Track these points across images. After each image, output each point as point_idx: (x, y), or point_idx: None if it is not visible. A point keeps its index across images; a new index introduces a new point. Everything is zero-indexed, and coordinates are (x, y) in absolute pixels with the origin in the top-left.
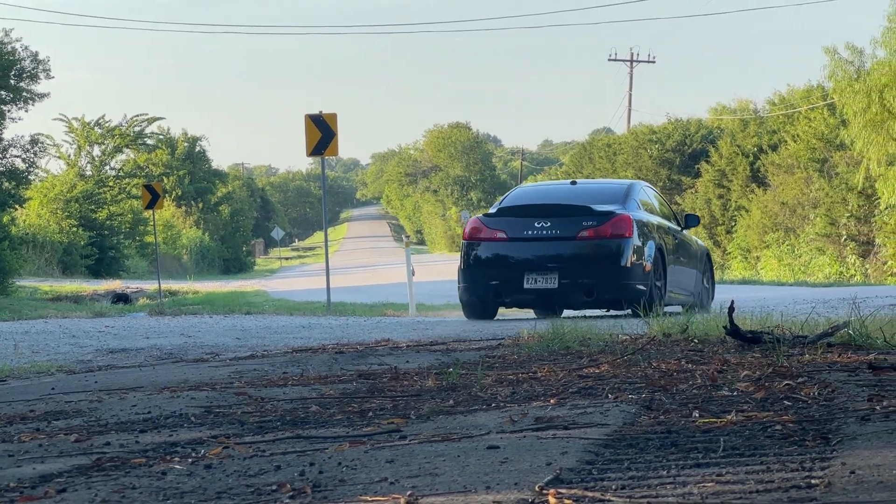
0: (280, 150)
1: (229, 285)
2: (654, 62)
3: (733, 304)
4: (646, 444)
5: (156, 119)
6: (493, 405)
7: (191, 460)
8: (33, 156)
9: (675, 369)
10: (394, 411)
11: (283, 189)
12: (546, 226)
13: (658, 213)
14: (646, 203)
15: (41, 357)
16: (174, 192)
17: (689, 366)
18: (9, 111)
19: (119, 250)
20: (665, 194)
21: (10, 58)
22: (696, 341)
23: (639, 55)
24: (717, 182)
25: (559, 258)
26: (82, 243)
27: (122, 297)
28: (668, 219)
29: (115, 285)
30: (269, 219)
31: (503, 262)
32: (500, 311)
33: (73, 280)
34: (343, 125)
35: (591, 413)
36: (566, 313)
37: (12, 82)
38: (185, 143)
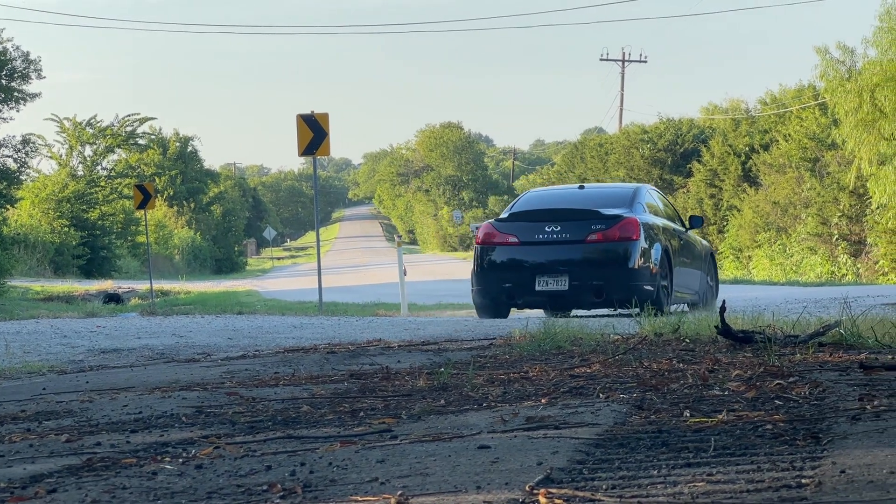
0: (272, 150)
1: (221, 285)
2: (645, 62)
3: (725, 303)
4: (636, 443)
5: (147, 119)
6: (485, 405)
7: (181, 460)
8: (25, 156)
9: (666, 369)
10: (385, 411)
11: (274, 189)
12: (556, 230)
13: (663, 216)
14: (651, 206)
15: (32, 357)
16: (166, 192)
17: (680, 365)
18: (0, 111)
19: (111, 250)
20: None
21: (2, 58)
22: (687, 341)
23: (630, 55)
24: (708, 182)
25: (569, 261)
26: (74, 243)
27: (113, 297)
28: (672, 220)
29: (107, 285)
30: (261, 219)
31: (515, 266)
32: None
33: (65, 280)
34: (335, 125)
35: (582, 413)
36: (576, 312)
37: (3, 82)
38: (177, 143)
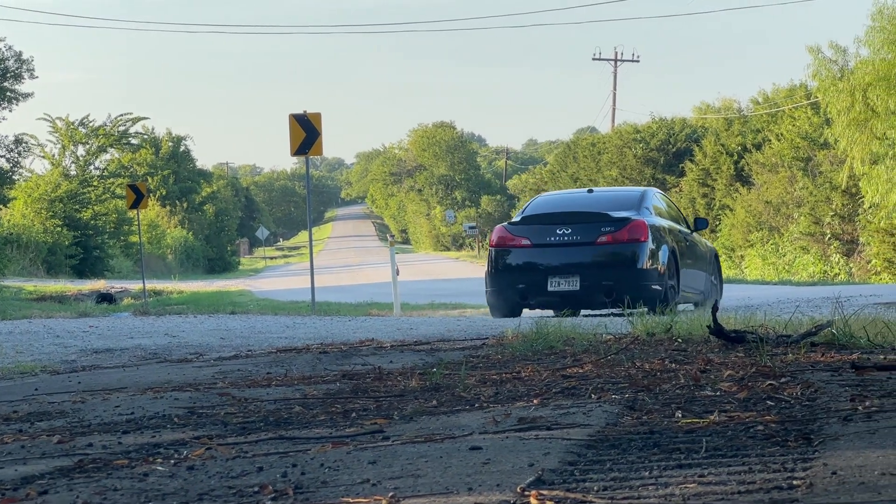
0: (264, 150)
1: (214, 285)
2: (638, 61)
3: (717, 303)
4: (628, 444)
5: (140, 119)
6: (477, 405)
7: (173, 461)
8: (17, 155)
9: (658, 369)
10: (377, 412)
11: (267, 188)
12: (567, 232)
13: (669, 218)
14: (658, 209)
15: (25, 357)
16: (158, 192)
17: (672, 366)
18: None
19: (103, 250)
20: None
21: None
22: (680, 341)
23: (623, 54)
24: (701, 181)
25: (580, 262)
26: (67, 243)
27: (106, 297)
28: (678, 222)
29: (100, 285)
30: (254, 218)
31: (528, 267)
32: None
33: (58, 280)
34: (327, 125)
35: (574, 413)
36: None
37: None
38: (170, 143)
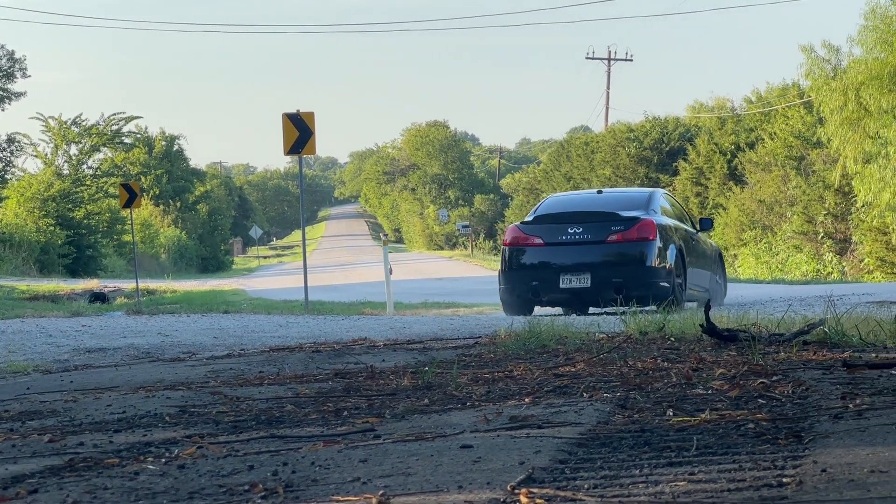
0: (258, 149)
1: (207, 284)
2: (631, 60)
3: (709, 302)
4: (619, 442)
5: (133, 118)
6: (468, 404)
7: (164, 460)
8: (10, 155)
9: (650, 368)
10: (369, 410)
11: (260, 188)
12: (578, 231)
13: (676, 218)
14: (665, 209)
15: (17, 356)
16: (152, 191)
17: (664, 364)
18: None
19: (96, 249)
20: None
21: None
22: (672, 340)
23: (616, 53)
24: (694, 180)
25: (591, 260)
26: (59, 242)
27: (99, 297)
28: (684, 222)
29: (93, 284)
30: (247, 217)
31: (541, 265)
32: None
33: (51, 279)
34: (321, 124)
35: (565, 412)
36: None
37: None
38: (163, 142)
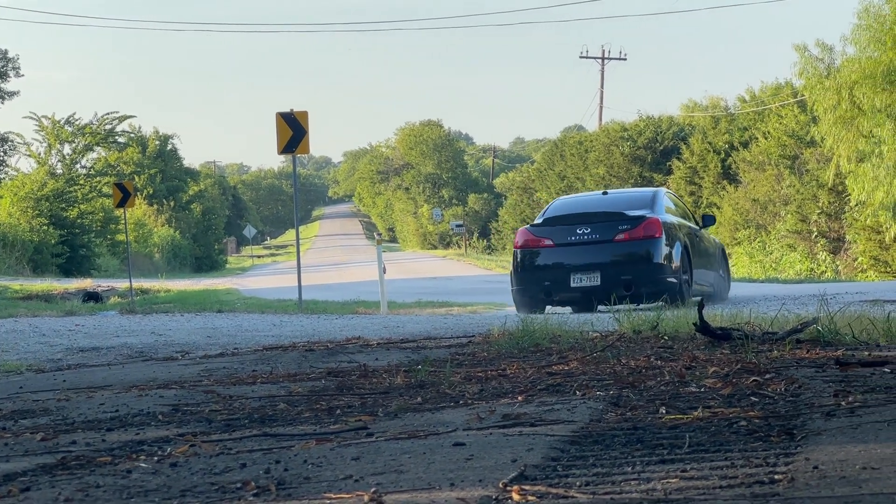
0: (252, 148)
1: (201, 283)
2: (625, 59)
3: (703, 300)
4: (611, 440)
5: (127, 117)
6: (461, 402)
7: (157, 458)
8: (3, 154)
9: (643, 366)
10: (362, 409)
11: (254, 187)
12: (587, 232)
13: (680, 215)
14: (669, 208)
15: (10, 356)
16: (145, 191)
17: (658, 362)
18: None
19: (90, 249)
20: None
21: None
22: (666, 338)
23: (610, 52)
24: (688, 179)
25: (600, 259)
26: (53, 242)
27: (93, 296)
28: (687, 219)
29: (86, 284)
30: (241, 217)
31: (552, 266)
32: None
33: (44, 279)
34: (314, 123)
35: (558, 410)
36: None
37: None
38: (157, 142)
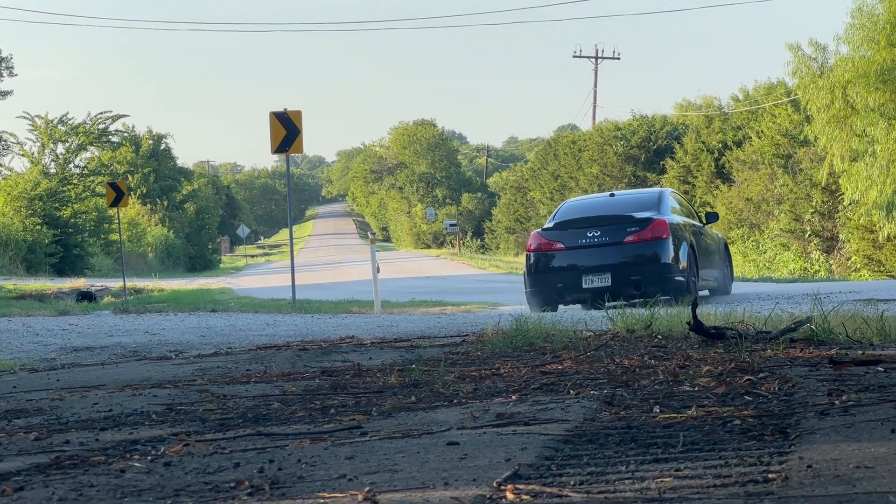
0: (245, 148)
1: (195, 283)
2: (618, 59)
3: (696, 300)
4: (605, 439)
5: (120, 116)
6: (455, 402)
7: (150, 458)
8: None
9: (637, 365)
10: (356, 408)
11: (248, 187)
12: (597, 234)
13: (684, 214)
14: (674, 208)
15: (4, 356)
16: (139, 190)
17: (651, 361)
18: None
19: (84, 248)
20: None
21: None
22: (659, 337)
23: (603, 52)
24: (681, 178)
25: (610, 261)
26: (46, 241)
27: (86, 296)
28: (691, 217)
29: (80, 283)
30: (235, 216)
31: (564, 268)
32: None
33: (38, 278)
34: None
35: (552, 409)
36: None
37: None
38: (150, 141)
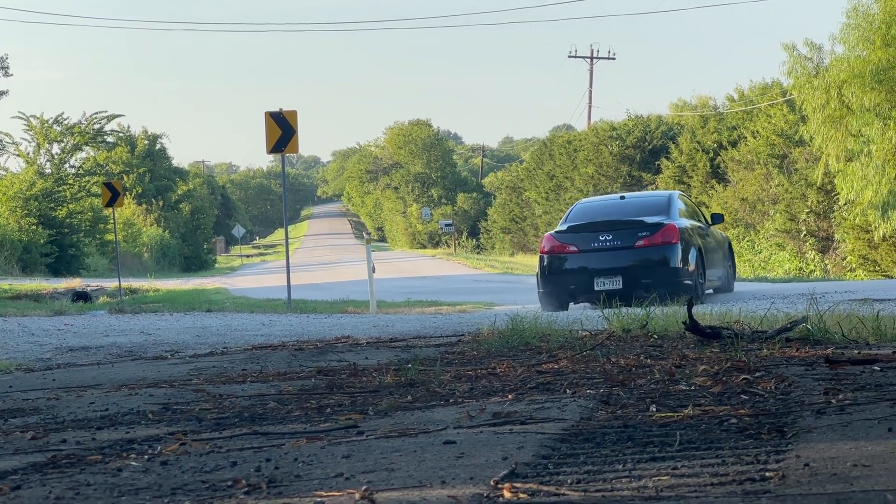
0: (240, 148)
1: (190, 283)
2: (614, 59)
3: (692, 299)
4: (602, 438)
5: (115, 116)
6: (451, 401)
7: (147, 457)
8: None
9: (633, 364)
10: (352, 407)
11: (243, 187)
12: (609, 238)
13: (691, 216)
14: (682, 210)
15: (0, 356)
16: (134, 190)
17: (647, 361)
18: None
19: (79, 248)
20: (627, 189)
21: None
22: (655, 337)
23: (599, 52)
24: (677, 178)
25: (622, 264)
26: (42, 241)
27: (82, 296)
28: (698, 219)
29: (76, 283)
30: (230, 216)
31: (577, 270)
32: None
33: (33, 278)
34: (303, 122)
35: (548, 408)
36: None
37: None
38: (145, 141)
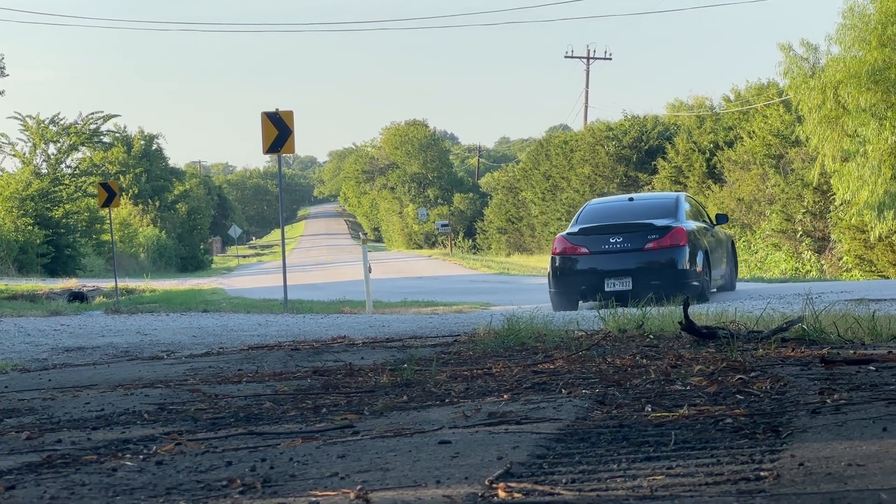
0: (237, 148)
1: (186, 283)
2: (610, 59)
3: (688, 299)
4: (597, 438)
5: (111, 116)
6: (447, 401)
7: (142, 457)
8: None
9: (629, 364)
10: (347, 407)
11: (240, 187)
12: (619, 241)
13: (697, 217)
14: (688, 211)
15: None
16: (131, 191)
17: (643, 361)
18: None
19: (75, 249)
20: (624, 190)
21: None
22: (651, 337)
23: (595, 52)
24: (673, 178)
25: (632, 266)
26: (38, 242)
27: (78, 296)
28: (703, 219)
29: (72, 284)
30: (227, 217)
31: (588, 271)
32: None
33: (29, 279)
34: (300, 123)
35: (543, 408)
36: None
37: None
38: (142, 141)
